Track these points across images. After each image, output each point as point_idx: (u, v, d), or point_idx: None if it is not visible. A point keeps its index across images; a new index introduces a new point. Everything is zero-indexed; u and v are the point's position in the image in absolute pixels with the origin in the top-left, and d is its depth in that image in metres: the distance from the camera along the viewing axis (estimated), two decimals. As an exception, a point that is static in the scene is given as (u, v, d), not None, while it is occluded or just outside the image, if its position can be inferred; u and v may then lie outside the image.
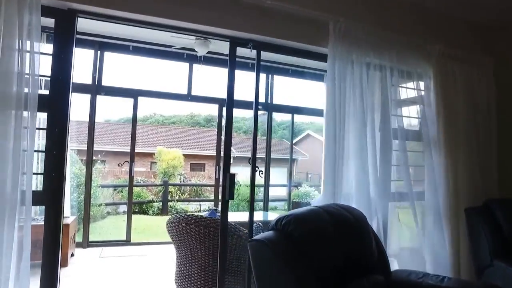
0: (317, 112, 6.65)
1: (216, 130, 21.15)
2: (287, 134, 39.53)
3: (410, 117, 3.59)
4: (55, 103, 2.38)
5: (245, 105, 6.44)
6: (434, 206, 3.18)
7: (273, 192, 11.79)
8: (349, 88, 2.89)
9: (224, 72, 6.24)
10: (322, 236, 1.85)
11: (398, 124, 3.20)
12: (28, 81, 2.18)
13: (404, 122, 3.25)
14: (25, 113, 2.17)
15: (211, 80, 6.92)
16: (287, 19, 2.86)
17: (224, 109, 6.02)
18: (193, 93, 5.74)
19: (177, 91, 5.71)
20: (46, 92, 2.43)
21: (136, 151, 16.62)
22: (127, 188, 9.70)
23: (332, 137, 2.83)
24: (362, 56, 2.98)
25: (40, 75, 2.28)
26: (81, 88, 5.23)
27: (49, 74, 2.40)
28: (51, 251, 2.29)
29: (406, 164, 3.11)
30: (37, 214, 4.80)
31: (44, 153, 2.35)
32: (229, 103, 2.98)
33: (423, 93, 3.36)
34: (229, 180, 2.80)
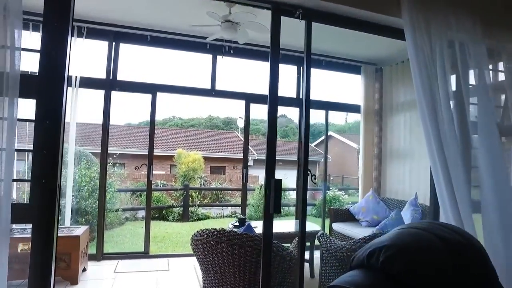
0: (353, 108, 5.93)
1: (236, 132, 20.51)
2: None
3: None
4: (46, 87, 1.77)
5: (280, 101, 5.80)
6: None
7: (293, 196, 11.03)
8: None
9: (251, 64, 5.60)
10: (446, 281, 1.15)
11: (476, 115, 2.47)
12: (5, 56, 1.59)
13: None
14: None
15: (237, 73, 6.30)
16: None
17: (253, 105, 5.38)
18: (217, 87, 5.11)
19: (199, 85, 5.09)
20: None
21: (155, 154, 16.20)
22: (146, 192, 9.19)
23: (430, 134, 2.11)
24: (442, 26, 2.26)
25: (23, 49, 1.68)
26: (95, 83, 4.68)
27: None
28: (38, 283, 1.68)
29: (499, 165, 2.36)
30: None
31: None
32: (273, 97, 2.32)
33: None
34: (275, 188, 2.11)
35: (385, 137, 5.65)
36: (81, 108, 4.58)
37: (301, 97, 5.64)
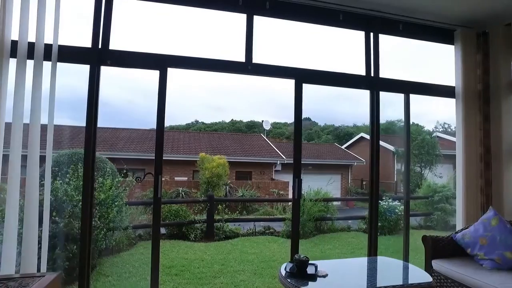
0: (444, 91, 4.12)
1: (262, 135, 18.73)
2: (332, 140, 36.83)
3: None
4: None
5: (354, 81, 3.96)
6: None
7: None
8: None
9: (302, 28, 3.82)
10: None
11: None
12: None
13: None
14: None
15: (282, 41, 4.56)
16: None
17: (306, 86, 3.65)
18: (255, 60, 3.42)
19: (228, 57, 3.39)
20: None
21: (177, 159, 14.70)
22: (163, 205, 7.51)
23: None
24: None
25: None
26: (74, 54, 3.07)
27: None
28: None
29: None
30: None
31: None
32: None
33: None
34: None
35: (497, 130, 3.80)
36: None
37: (372, 74, 3.88)
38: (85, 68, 3.07)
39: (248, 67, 3.40)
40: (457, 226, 3.86)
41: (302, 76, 3.53)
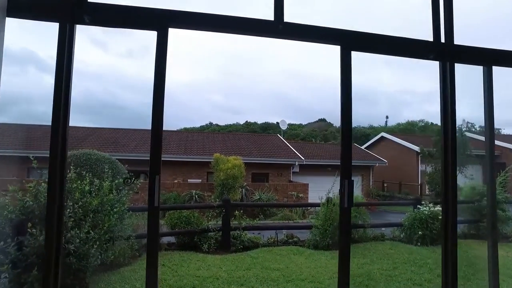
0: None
1: (279, 135, 17.67)
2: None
3: None
4: None
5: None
6: None
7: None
8: None
9: None
10: None
11: None
12: None
13: None
14: None
15: None
16: None
17: (356, 54, 2.66)
18: (287, 18, 2.46)
19: (250, 14, 2.44)
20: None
21: (191, 160, 13.82)
22: (172, 211, 6.58)
23: None
24: None
25: None
26: (35, 7, 2.16)
27: None
28: None
29: None
30: None
31: None
32: None
33: None
34: None
35: None
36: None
37: (442, 40, 2.84)
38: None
39: (278, 27, 2.44)
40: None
41: (350, 41, 2.55)
